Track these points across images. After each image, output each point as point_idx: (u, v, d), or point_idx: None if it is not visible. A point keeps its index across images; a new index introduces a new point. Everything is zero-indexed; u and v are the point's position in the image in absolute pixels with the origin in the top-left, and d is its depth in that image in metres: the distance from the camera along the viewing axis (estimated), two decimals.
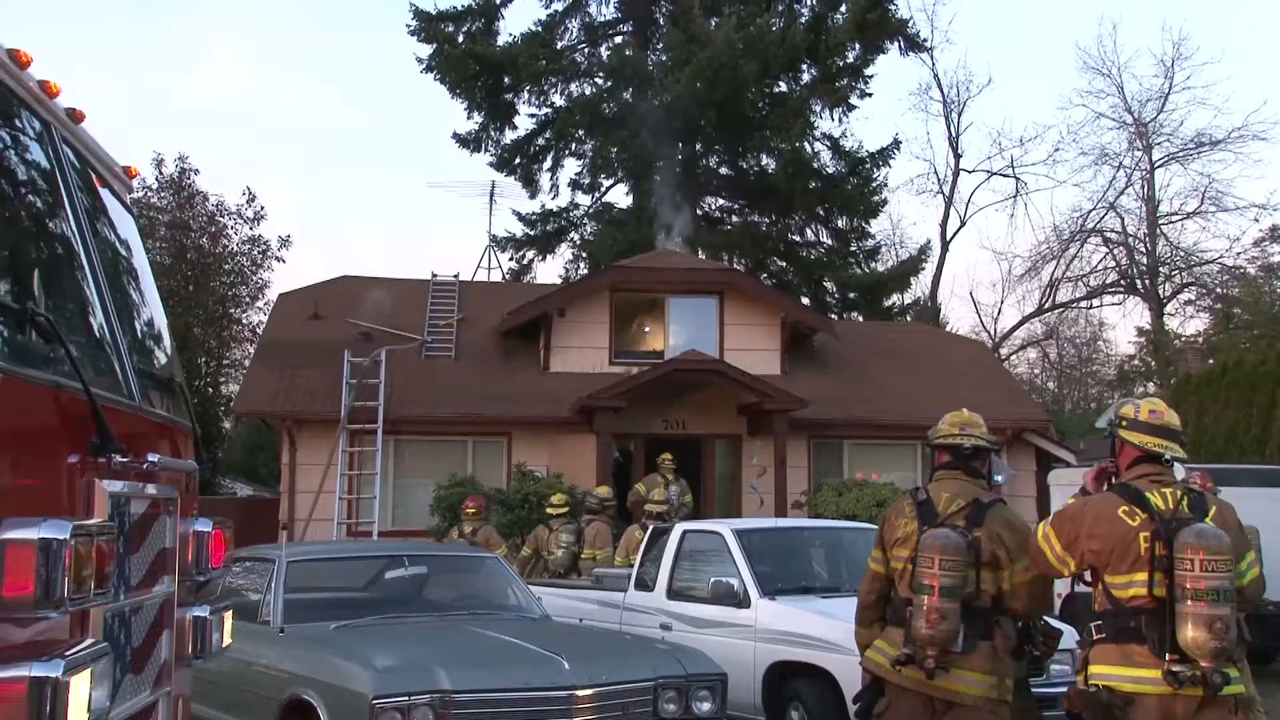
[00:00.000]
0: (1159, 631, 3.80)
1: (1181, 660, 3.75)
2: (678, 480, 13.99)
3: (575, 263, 29.80)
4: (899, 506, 4.61)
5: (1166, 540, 3.82)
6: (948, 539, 4.23)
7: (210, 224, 26.86)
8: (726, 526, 8.37)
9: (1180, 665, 3.74)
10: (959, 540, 4.24)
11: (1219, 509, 3.96)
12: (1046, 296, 34.82)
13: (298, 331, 17.00)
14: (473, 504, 12.26)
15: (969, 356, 19.64)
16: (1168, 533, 3.83)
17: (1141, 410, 4.15)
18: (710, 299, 17.18)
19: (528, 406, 15.76)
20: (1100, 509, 4.01)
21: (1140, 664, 3.82)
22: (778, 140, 26.87)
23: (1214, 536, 3.76)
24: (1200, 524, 3.83)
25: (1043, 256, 34.58)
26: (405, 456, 15.77)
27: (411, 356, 16.61)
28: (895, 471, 16.35)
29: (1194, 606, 3.70)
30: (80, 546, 2.25)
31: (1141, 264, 34.15)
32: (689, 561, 8.38)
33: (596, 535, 11.70)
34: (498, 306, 17.68)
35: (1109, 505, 4.00)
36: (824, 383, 17.03)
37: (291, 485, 15.26)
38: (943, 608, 4.19)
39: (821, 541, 8.76)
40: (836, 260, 29.10)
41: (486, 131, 28.68)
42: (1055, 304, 35.26)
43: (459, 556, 8.28)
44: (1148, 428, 4.09)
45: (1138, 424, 4.11)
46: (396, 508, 15.50)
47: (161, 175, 26.45)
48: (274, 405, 15.42)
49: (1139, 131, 33.66)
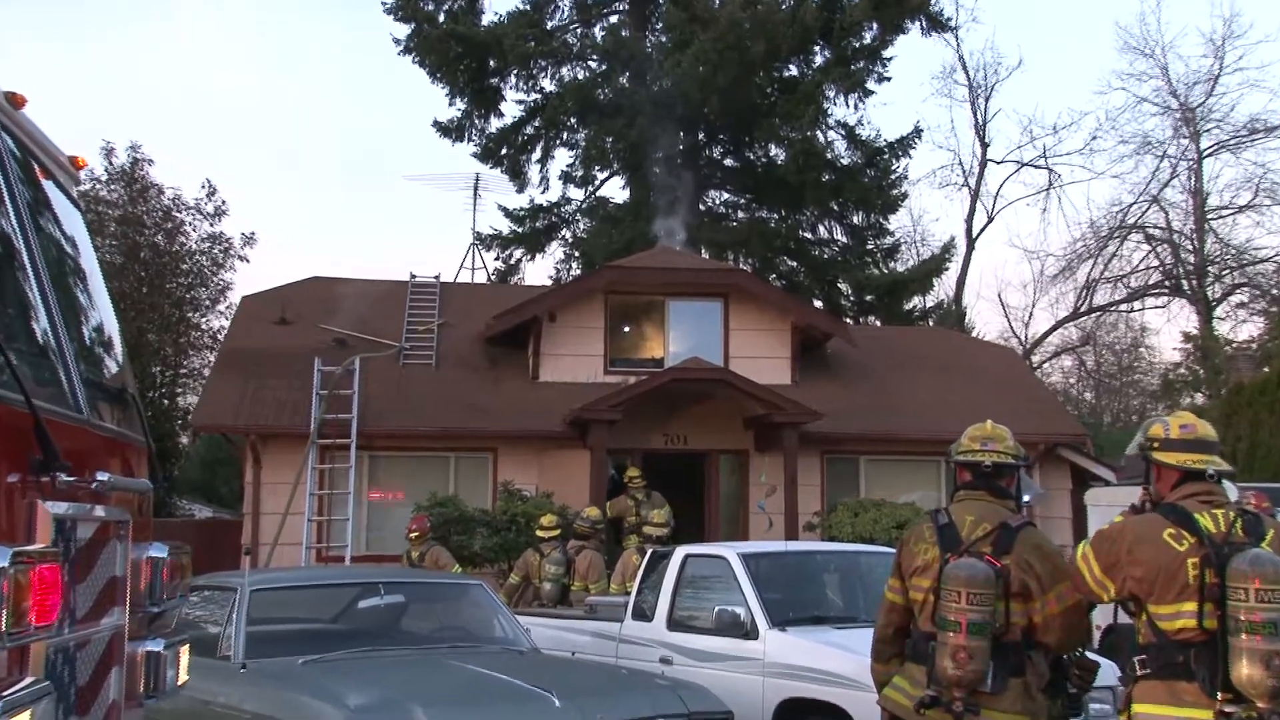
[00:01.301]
0: (1210, 668, 3.76)
1: (1235, 700, 3.71)
2: (649, 497, 14.14)
3: (567, 263, 29.97)
4: (918, 531, 4.60)
5: (1218, 567, 3.79)
6: (975, 570, 4.22)
7: (166, 220, 26.84)
8: (732, 550, 8.36)
9: (1234, 705, 3.71)
10: (987, 572, 4.23)
11: (1277, 532, 3.92)
12: (1083, 299, 34.93)
13: (263, 338, 17.04)
14: (415, 526, 12.41)
15: (997, 364, 19.71)
16: (1219, 559, 3.80)
17: (1171, 428, 4.15)
18: (714, 302, 17.27)
19: (515, 419, 15.82)
20: (1142, 532, 3.99)
21: (1189, 703, 3.80)
22: (788, 129, 26.95)
23: (1271, 563, 3.72)
24: (1256, 549, 3.79)
25: (1078, 255, 34.69)
26: (381, 474, 15.86)
27: (388, 365, 16.67)
28: (916, 491, 16.46)
29: (1249, 641, 3.66)
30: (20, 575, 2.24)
31: (1188, 263, 34.16)
32: (691, 589, 8.38)
33: (589, 566, 11.74)
34: (482, 310, 17.75)
35: (1153, 528, 3.98)
36: (838, 393, 17.10)
37: (255, 506, 15.28)
38: (971, 646, 4.17)
39: (836, 567, 8.77)
40: (852, 259, 29.23)
41: (470, 119, 28.78)
42: (1092, 307, 35.36)
43: (439, 584, 8.30)
44: (1182, 444, 4.09)
45: (1170, 442, 4.11)
46: (371, 531, 15.55)
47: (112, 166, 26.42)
48: (236, 418, 15.44)
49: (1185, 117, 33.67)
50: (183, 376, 27.77)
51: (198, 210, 27.29)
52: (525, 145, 29.13)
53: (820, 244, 29.95)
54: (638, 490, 14.38)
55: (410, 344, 17.30)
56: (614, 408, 14.99)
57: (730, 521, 16.31)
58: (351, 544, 14.77)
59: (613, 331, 17.16)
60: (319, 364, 15.64)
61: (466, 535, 14.03)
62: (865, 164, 28.70)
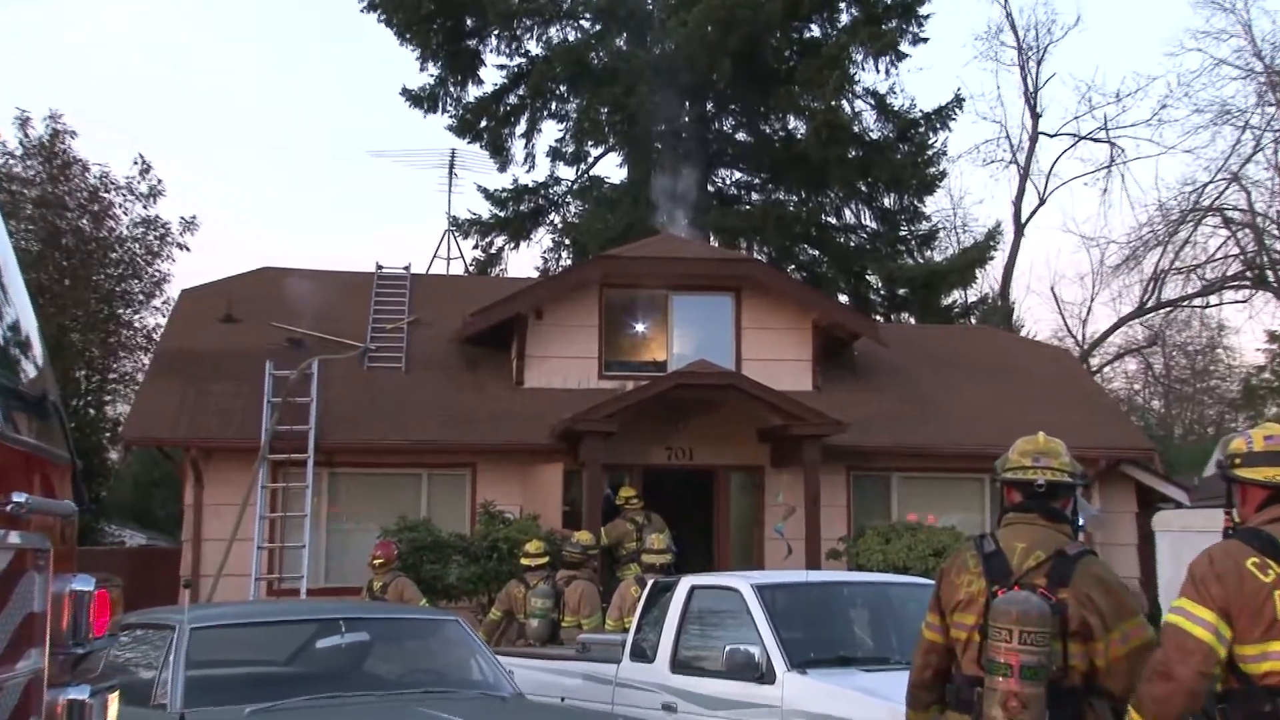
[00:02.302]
0: None
1: None
2: (650, 520, 14.30)
3: (556, 251, 30.13)
4: (960, 559, 4.61)
5: None
6: (1029, 605, 4.22)
7: (92, 201, 26.81)
8: (745, 581, 8.33)
9: None
10: (1042, 607, 4.22)
11: None
12: (1150, 292, 34.90)
13: (206, 337, 17.05)
14: (380, 552, 12.57)
15: (1050, 368, 19.75)
16: None
17: (1255, 440, 4.16)
18: (724, 297, 17.32)
19: (496, 431, 15.88)
20: (1222, 561, 3.99)
21: None
22: (809, 98, 27.05)
23: None
24: None
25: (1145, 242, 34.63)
26: (342, 494, 15.93)
27: (351, 368, 16.72)
28: (957, 513, 16.49)
29: None
30: None
31: (1274, 250, 34.08)
32: (698, 625, 8.39)
33: (581, 599, 11.79)
34: (459, 306, 17.75)
35: (1234, 556, 3.98)
36: (867, 401, 17.12)
37: (196, 532, 15.26)
38: (1024, 693, 4.17)
39: (864, 601, 8.79)
40: (883, 248, 29.27)
41: (444, 87, 28.85)
42: (1161, 302, 35.32)
43: (410, 620, 8.30)
44: (1267, 458, 4.08)
45: (1254, 456, 4.11)
46: (331, 559, 15.60)
47: (28, 139, 26.34)
48: (174, 430, 15.44)
49: (1272, 82, 33.49)
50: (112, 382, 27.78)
51: (129, 190, 27.30)
52: (508, 117, 29.20)
53: (846, 230, 30.09)
54: (636, 512, 14.56)
55: (376, 344, 17.35)
56: (609, 418, 15.02)
57: (742, 548, 16.34)
58: (308, 575, 14.76)
59: (608, 330, 17.22)
60: (271, 367, 15.64)
61: (441, 564, 14.05)
62: (898, 138, 28.84)
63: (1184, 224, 34.06)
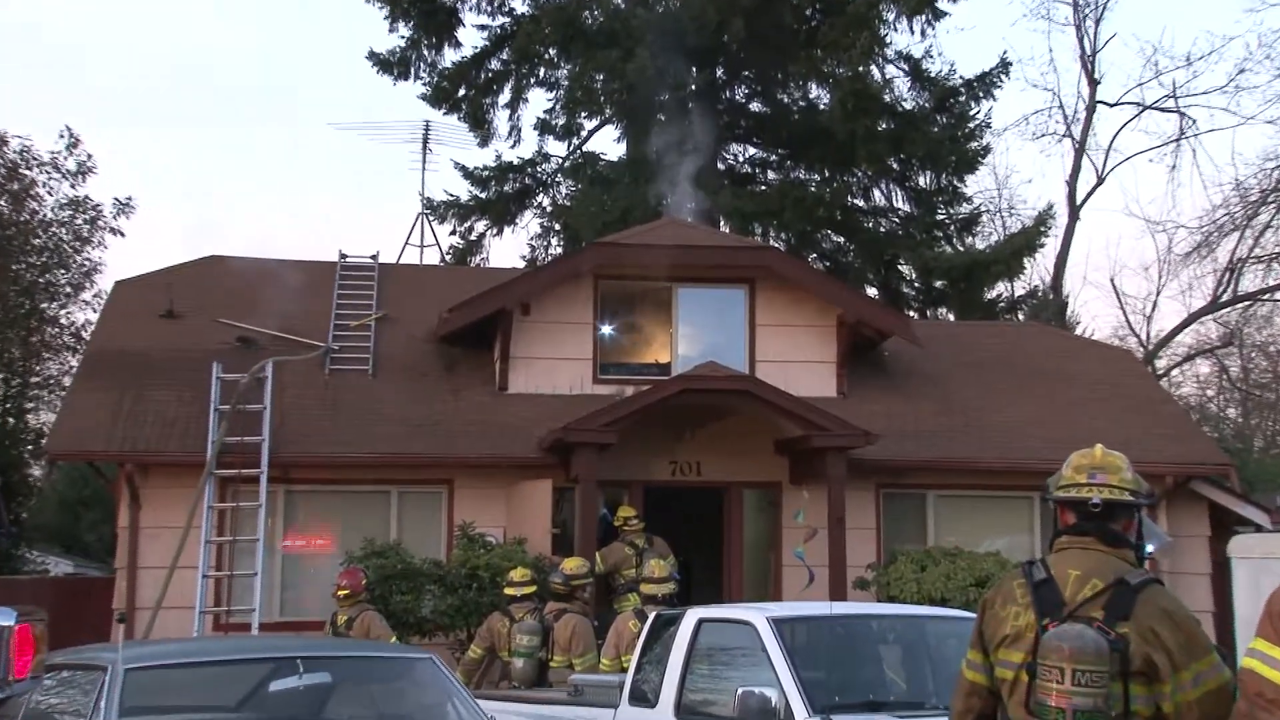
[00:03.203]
0: None
1: None
2: (651, 545, 14.36)
3: (545, 238, 30.10)
4: (1007, 589, 4.60)
5: None
6: (1083, 640, 4.21)
7: (11, 179, 26.83)
8: (760, 615, 8.29)
9: None
10: (1099, 642, 4.21)
11: None
12: (1225, 284, 34.85)
13: (143, 335, 17.00)
14: (345, 581, 12.60)
15: (1109, 371, 19.60)
16: None
17: None
18: (737, 290, 17.30)
19: (476, 443, 15.87)
20: None
21: None
22: (833, 63, 26.98)
23: None
24: None
25: (1219, 227, 34.56)
26: (301, 515, 15.89)
27: (311, 371, 16.71)
28: (1003, 536, 16.39)
29: None
30: None
31: None
32: (706, 664, 8.38)
33: (573, 634, 11.74)
34: (434, 300, 17.71)
35: None
36: (899, 409, 17.11)
37: (132, 558, 15.18)
38: None
39: (896, 636, 8.81)
40: (918, 234, 29.21)
41: (417, 50, 28.81)
42: (1238, 296, 35.27)
43: (378, 659, 8.30)
44: None
45: None
46: (287, 590, 15.57)
47: None
48: (107, 443, 15.35)
49: None
50: (35, 387, 27.81)
51: (54, 167, 27.36)
52: (489, 84, 29.15)
53: (875, 214, 30.09)
54: (636, 535, 14.56)
55: (339, 344, 17.31)
56: (606, 427, 14.96)
57: (757, 576, 16.30)
58: (261, 607, 14.63)
59: (604, 328, 17.21)
60: (218, 370, 15.58)
61: (413, 595, 14.02)
62: (935, 108, 28.75)
63: (1264, 206, 34.05)
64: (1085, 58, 35.19)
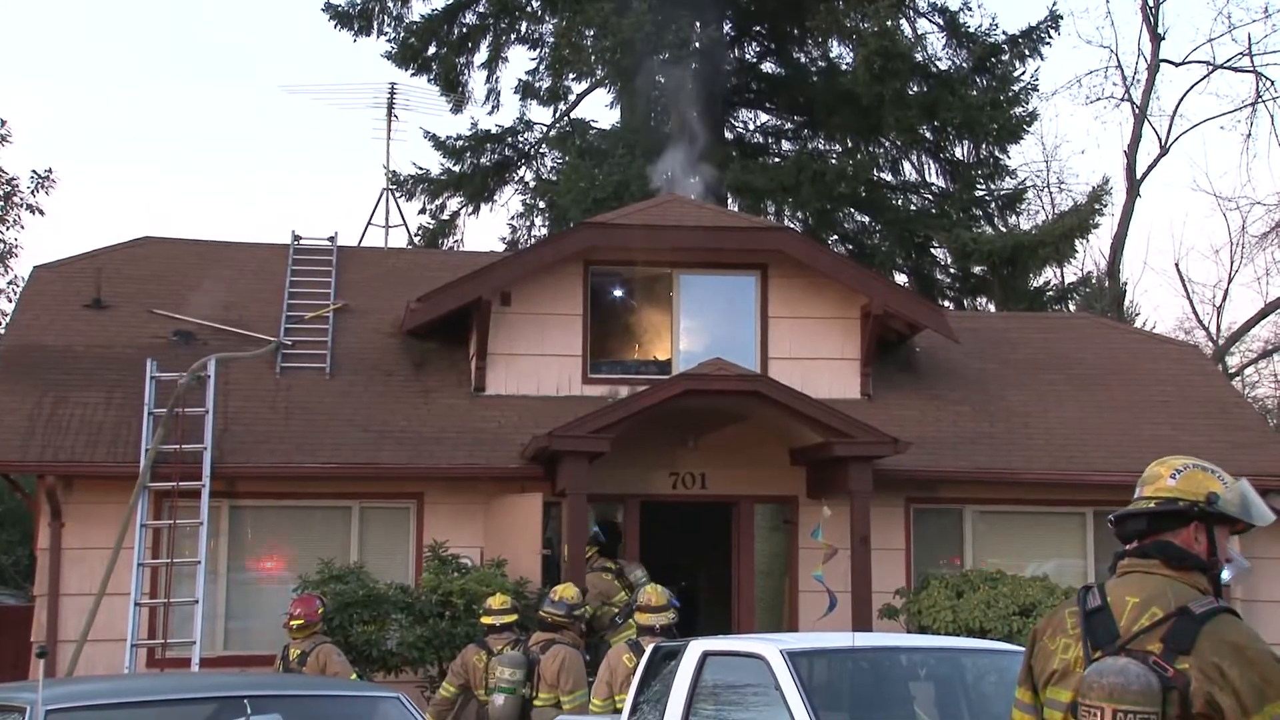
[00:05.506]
0: None
1: None
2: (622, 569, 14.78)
3: (527, 217, 30.55)
4: (1058, 619, 4.57)
5: None
6: (1125, 675, 4.11)
7: None
8: (774, 646, 8.25)
9: None
10: (1146, 679, 4.10)
11: None
12: None
13: (66, 328, 17.08)
14: (299, 610, 12.60)
15: (1175, 369, 19.49)
16: None
17: None
18: (747, 276, 17.30)
19: (449, 451, 15.88)
20: None
21: None
22: (857, 17, 26.87)
23: None
24: None
25: None
26: (248, 534, 15.92)
27: (260, 370, 16.69)
28: (1051, 559, 16.50)
29: None
30: None
31: None
32: (712, 703, 8.49)
33: (562, 668, 11.66)
34: (401, 289, 17.89)
35: None
36: (932, 413, 17.21)
37: (54, 584, 15.12)
38: None
39: (930, 672, 8.82)
40: (954, 212, 28.92)
41: (380, 2, 28.55)
42: None
43: (336, 697, 8.42)
44: None
45: None
46: (232, 619, 15.59)
47: None
48: (24, 452, 15.19)
49: None
50: None
51: None
52: (464, 41, 29.58)
53: (905, 189, 30.09)
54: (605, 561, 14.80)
55: (292, 339, 17.27)
56: (598, 434, 14.86)
57: (770, 603, 16.44)
58: (202, 640, 14.54)
59: (596, 321, 17.20)
60: (153, 369, 15.55)
61: (377, 625, 14.04)
62: (974, 69, 28.65)
63: None
64: (1147, 9, 35.35)
